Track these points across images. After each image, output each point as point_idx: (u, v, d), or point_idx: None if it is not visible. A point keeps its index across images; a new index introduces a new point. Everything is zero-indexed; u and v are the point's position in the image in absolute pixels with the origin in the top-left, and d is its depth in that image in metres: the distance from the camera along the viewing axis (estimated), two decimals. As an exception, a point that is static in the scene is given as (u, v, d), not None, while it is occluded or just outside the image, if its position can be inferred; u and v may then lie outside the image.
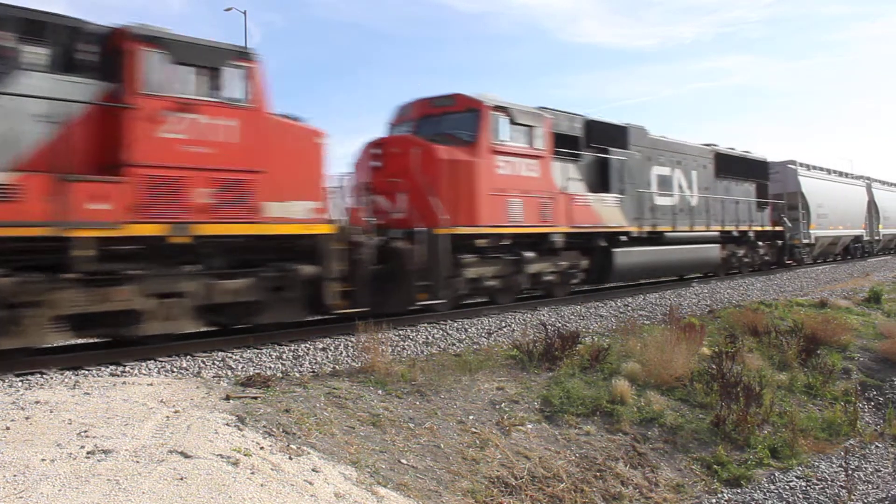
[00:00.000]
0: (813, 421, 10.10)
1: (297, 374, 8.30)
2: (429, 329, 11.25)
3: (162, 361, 8.54)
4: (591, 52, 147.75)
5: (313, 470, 5.64)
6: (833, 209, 29.23)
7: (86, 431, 5.40)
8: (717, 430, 9.01)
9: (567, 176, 15.08)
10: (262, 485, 4.99)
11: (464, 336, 10.92)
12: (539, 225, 14.12)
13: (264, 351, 9.35)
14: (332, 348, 9.64)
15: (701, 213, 19.95)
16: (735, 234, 21.70)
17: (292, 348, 9.55)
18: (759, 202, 23.52)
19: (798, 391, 11.06)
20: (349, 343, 9.89)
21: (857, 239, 32.90)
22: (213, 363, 8.57)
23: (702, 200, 20.09)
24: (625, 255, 16.22)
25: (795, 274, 23.42)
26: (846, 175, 34.12)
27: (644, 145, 17.70)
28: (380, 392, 7.90)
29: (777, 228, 24.75)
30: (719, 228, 20.60)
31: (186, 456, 5.11)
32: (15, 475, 4.51)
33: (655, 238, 17.53)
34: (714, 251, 20.22)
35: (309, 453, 5.96)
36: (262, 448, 5.74)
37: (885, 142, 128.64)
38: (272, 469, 5.37)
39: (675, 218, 18.54)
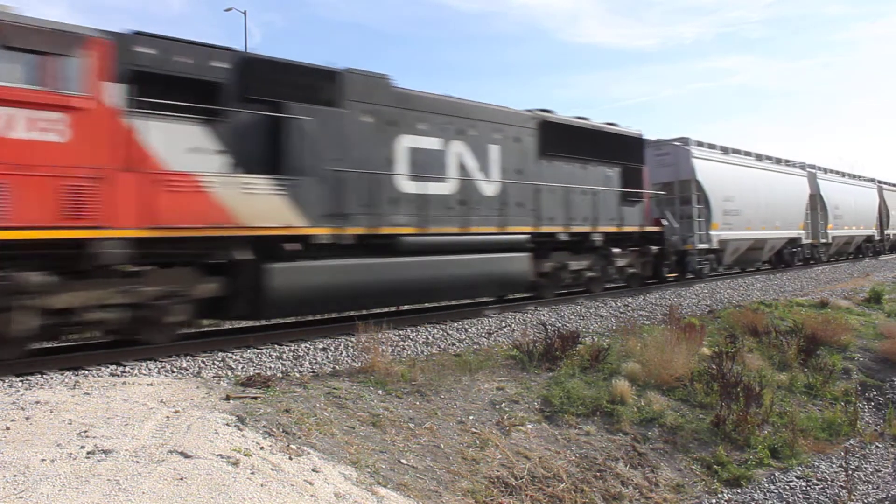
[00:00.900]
0: (813, 421, 10.10)
1: (297, 374, 8.30)
2: (429, 329, 11.25)
3: (162, 361, 8.54)
4: (592, 53, 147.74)
5: (313, 470, 5.64)
6: (749, 203, 22.32)
7: (86, 431, 5.40)
8: (717, 430, 9.01)
9: (180, 144, 9.33)
10: (262, 485, 4.99)
11: (464, 336, 10.92)
12: (57, 226, 8.02)
13: (264, 351, 9.35)
14: (332, 348, 9.64)
15: (506, 208, 13.58)
16: (565, 236, 14.80)
17: (292, 348, 9.55)
18: (625, 193, 16.65)
19: (798, 391, 11.06)
20: (349, 343, 9.89)
21: (795, 242, 26.11)
22: (213, 363, 8.57)
23: (510, 189, 13.67)
24: (292, 275, 10.14)
25: (795, 274, 23.41)
26: (783, 162, 26.94)
27: (382, 103, 11.67)
28: (380, 392, 7.90)
29: (653, 229, 17.68)
30: (530, 229, 13.97)
31: (186, 456, 5.11)
32: (15, 475, 4.51)
33: (384, 246, 11.42)
34: (517, 263, 13.57)
35: (309, 453, 5.97)
36: (262, 448, 5.74)
37: (887, 142, 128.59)
38: (272, 469, 5.37)
39: (445, 214, 12.45)
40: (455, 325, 11.67)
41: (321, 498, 5.21)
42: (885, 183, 38.68)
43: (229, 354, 9.08)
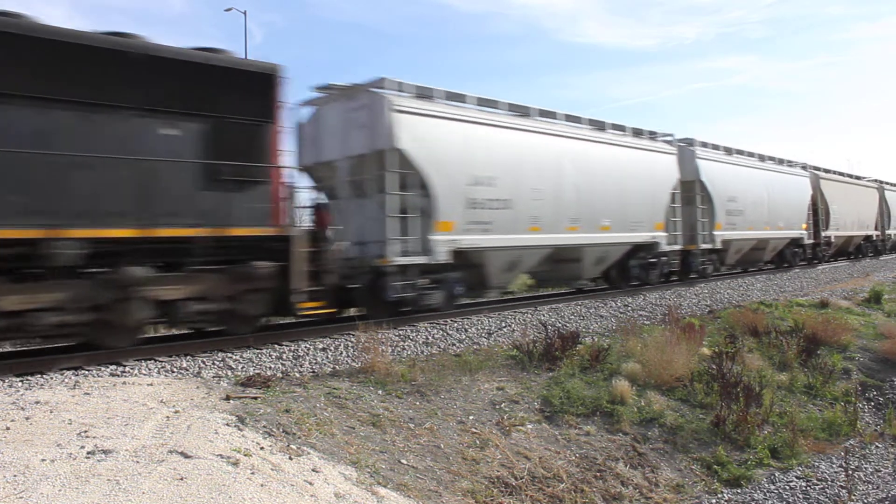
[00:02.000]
0: (813, 421, 10.09)
1: (297, 375, 8.30)
2: (429, 329, 11.25)
3: (162, 361, 8.54)
4: (592, 53, 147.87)
5: (313, 470, 5.64)
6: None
7: (86, 431, 5.41)
8: (717, 430, 9.01)
9: None
10: (262, 485, 4.99)
11: (464, 336, 10.92)
12: None
13: (264, 351, 9.35)
14: (332, 348, 9.64)
15: None
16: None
17: (292, 348, 9.55)
18: (212, 168, 9.56)
19: (798, 391, 11.06)
20: (349, 343, 9.90)
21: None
22: (213, 363, 8.57)
23: None
24: None
25: (795, 274, 23.40)
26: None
27: None
28: (380, 392, 7.90)
29: (263, 232, 9.88)
30: None
31: (186, 456, 5.11)
32: (15, 475, 4.51)
33: None
34: None
35: (309, 453, 5.97)
36: (262, 448, 5.74)
37: (887, 142, 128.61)
38: (272, 469, 5.37)
39: None
40: (455, 325, 11.67)
41: (321, 498, 5.21)
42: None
43: (229, 354, 9.08)
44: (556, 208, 14.69)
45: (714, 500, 7.91)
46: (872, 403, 11.61)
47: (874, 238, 34.81)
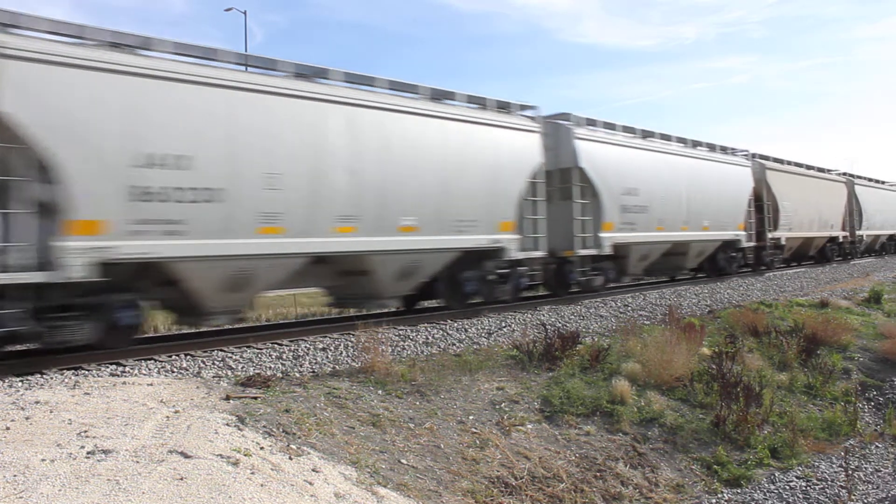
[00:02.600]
0: (813, 421, 10.09)
1: (297, 374, 8.30)
2: (429, 329, 11.25)
3: (162, 361, 8.54)
4: (593, 53, 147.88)
5: (313, 470, 5.64)
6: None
7: (86, 431, 5.40)
8: (717, 430, 9.00)
9: None
10: (262, 485, 4.99)
11: (464, 336, 10.92)
12: None
13: (264, 351, 9.35)
14: (331, 348, 9.64)
15: None
16: None
17: (292, 348, 9.55)
18: None
19: (798, 391, 11.06)
20: (349, 343, 9.90)
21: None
22: (213, 363, 8.57)
23: None
24: None
25: (795, 274, 23.37)
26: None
27: None
28: (380, 392, 7.90)
29: None
30: None
31: (186, 456, 5.11)
32: (15, 475, 4.51)
33: None
34: None
35: (309, 453, 5.96)
36: (262, 448, 5.73)
37: (887, 142, 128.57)
38: (272, 469, 5.36)
39: None
40: (455, 325, 11.67)
41: (321, 498, 5.20)
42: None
43: (229, 354, 9.08)
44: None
45: (714, 500, 7.91)
46: (872, 403, 11.60)
47: (841, 239, 29.61)
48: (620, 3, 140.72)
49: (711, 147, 20.99)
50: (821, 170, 28.88)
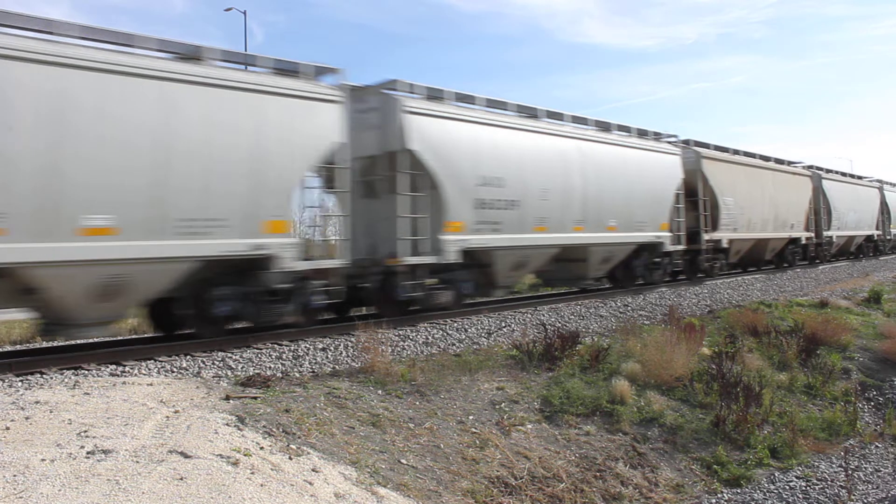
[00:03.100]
0: (813, 421, 10.09)
1: (297, 374, 8.30)
2: (428, 329, 11.25)
3: (162, 361, 8.54)
4: (593, 53, 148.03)
5: (313, 470, 5.64)
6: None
7: (86, 431, 5.41)
8: (717, 430, 9.00)
9: None
10: (261, 485, 4.99)
11: (463, 336, 10.92)
12: None
13: (264, 351, 9.35)
14: (331, 348, 9.64)
15: None
16: None
17: (292, 348, 9.55)
18: None
19: (798, 391, 11.06)
20: (349, 343, 9.90)
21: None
22: (213, 363, 8.57)
23: None
24: None
25: (795, 274, 23.37)
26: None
27: None
28: (380, 392, 7.90)
29: None
30: None
31: (186, 456, 5.11)
32: (15, 475, 4.51)
33: None
34: None
35: (309, 453, 5.97)
36: (261, 448, 5.74)
37: (887, 142, 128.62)
38: (272, 469, 5.36)
39: None
40: (455, 324, 11.68)
41: (321, 498, 5.21)
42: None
43: (229, 354, 9.08)
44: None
45: (714, 500, 7.91)
46: (872, 403, 11.60)
47: (804, 241, 25.84)
48: (621, 4, 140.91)
49: (624, 129, 17.21)
50: (780, 161, 25.21)
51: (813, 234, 26.55)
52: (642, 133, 17.63)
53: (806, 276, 22.96)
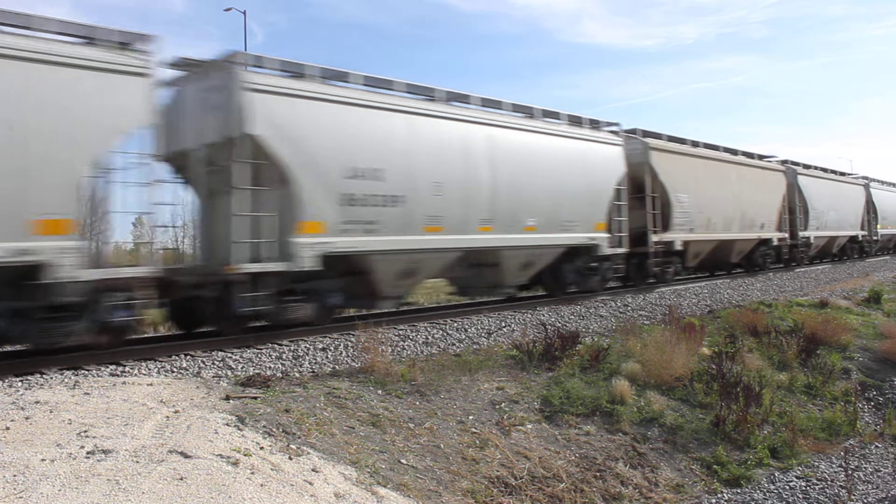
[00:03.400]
0: (813, 421, 10.09)
1: (297, 374, 8.31)
2: (428, 329, 11.25)
3: (162, 361, 8.54)
4: (594, 53, 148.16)
5: (313, 470, 5.64)
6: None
7: (86, 431, 5.41)
8: (717, 430, 9.01)
9: None
10: (261, 485, 4.99)
11: (463, 336, 10.93)
12: None
13: (264, 351, 9.35)
14: (331, 348, 9.64)
15: None
16: None
17: (292, 348, 9.56)
18: None
19: (798, 391, 11.06)
20: (349, 343, 9.90)
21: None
22: (213, 363, 8.57)
23: None
24: None
25: (795, 274, 23.36)
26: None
27: None
28: (380, 392, 7.90)
29: None
30: None
31: (186, 456, 5.11)
32: (15, 475, 4.51)
33: None
34: None
35: (309, 453, 5.97)
36: (261, 448, 5.74)
37: (886, 142, 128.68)
38: (272, 469, 5.37)
39: None
40: (455, 324, 11.68)
41: (321, 498, 5.21)
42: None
43: (229, 354, 9.08)
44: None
45: (714, 500, 7.91)
46: (872, 403, 11.61)
47: (776, 242, 23.67)
48: (621, 4, 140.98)
49: (552, 115, 14.93)
50: (749, 155, 23.18)
51: (787, 235, 24.49)
52: (575, 120, 15.39)
53: (799, 278, 22.90)
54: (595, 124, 15.95)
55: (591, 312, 13.58)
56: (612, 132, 16.44)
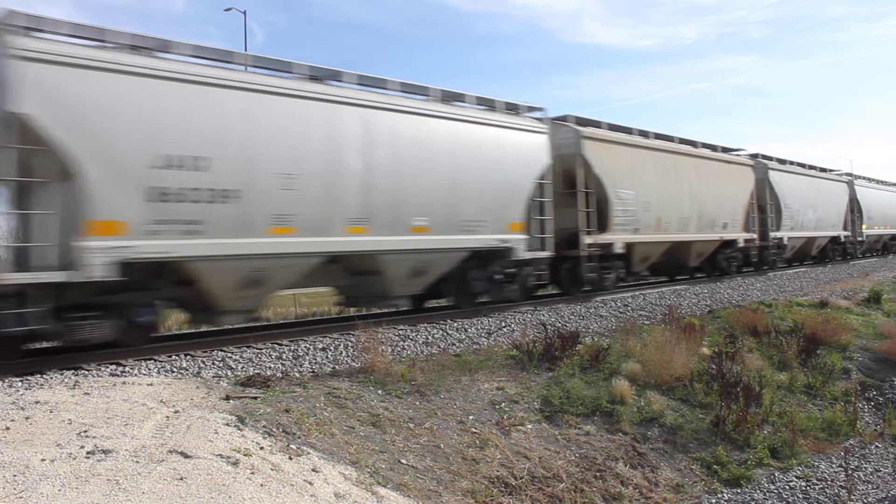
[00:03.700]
0: (813, 421, 10.09)
1: (297, 374, 8.30)
2: (428, 329, 11.25)
3: (162, 361, 8.54)
4: (594, 53, 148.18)
5: (313, 470, 5.64)
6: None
7: (86, 431, 5.40)
8: (717, 430, 9.00)
9: None
10: (261, 485, 4.99)
11: (463, 336, 10.92)
12: None
13: (264, 351, 9.35)
14: (331, 348, 9.64)
15: None
16: None
17: (292, 348, 9.55)
18: None
19: (798, 391, 11.06)
20: (349, 343, 9.89)
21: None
22: (213, 363, 8.57)
23: None
24: None
25: (795, 274, 23.35)
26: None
27: None
28: (380, 392, 7.90)
29: None
30: None
31: (186, 456, 5.11)
32: (15, 475, 4.51)
33: None
34: None
35: (309, 453, 5.96)
36: (261, 448, 5.73)
37: (886, 142, 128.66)
38: (272, 469, 5.36)
39: None
40: (455, 324, 11.67)
41: (321, 498, 5.20)
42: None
43: (229, 354, 9.08)
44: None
45: (714, 500, 7.91)
46: (872, 403, 11.60)
47: (742, 244, 21.48)
48: (621, 4, 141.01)
49: (455, 97, 12.85)
50: (712, 147, 20.93)
51: (755, 236, 22.09)
52: (486, 103, 13.36)
53: (806, 276, 22.88)
54: (513, 108, 13.80)
55: (591, 312, 13.58)
56: (535, 118, 14.18)
